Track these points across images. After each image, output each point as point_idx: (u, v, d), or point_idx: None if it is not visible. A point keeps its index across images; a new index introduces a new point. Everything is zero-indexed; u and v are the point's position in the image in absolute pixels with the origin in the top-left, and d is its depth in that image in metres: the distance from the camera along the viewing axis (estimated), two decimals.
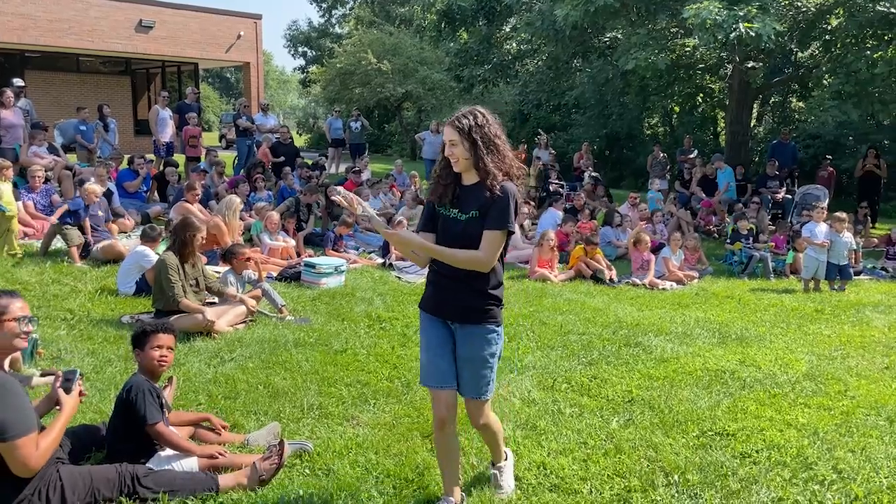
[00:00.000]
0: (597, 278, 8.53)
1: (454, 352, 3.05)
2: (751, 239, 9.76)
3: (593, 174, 16.16)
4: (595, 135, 23.36)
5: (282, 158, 13.55)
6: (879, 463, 3.82)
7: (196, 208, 8.41)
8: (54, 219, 8.06)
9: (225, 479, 3.34)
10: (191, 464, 3.40)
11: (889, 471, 3.74)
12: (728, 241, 9.98)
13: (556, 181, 15.00)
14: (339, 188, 3.01)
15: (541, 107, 25.91)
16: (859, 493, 3.49)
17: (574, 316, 6.80)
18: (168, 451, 3.41)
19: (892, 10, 10.68)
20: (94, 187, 8.24)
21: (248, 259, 6.57)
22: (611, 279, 8.53)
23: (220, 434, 3.84)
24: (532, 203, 12.98)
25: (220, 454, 3.47)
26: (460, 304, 2.99)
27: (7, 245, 7.60)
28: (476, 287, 2.96)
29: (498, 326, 3.03)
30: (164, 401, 3.50)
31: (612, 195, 14.90)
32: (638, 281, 8.53)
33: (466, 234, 2.92)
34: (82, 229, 7.87)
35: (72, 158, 12.51)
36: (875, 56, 11.32)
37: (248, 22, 24.47)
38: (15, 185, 8.59)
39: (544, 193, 14.46)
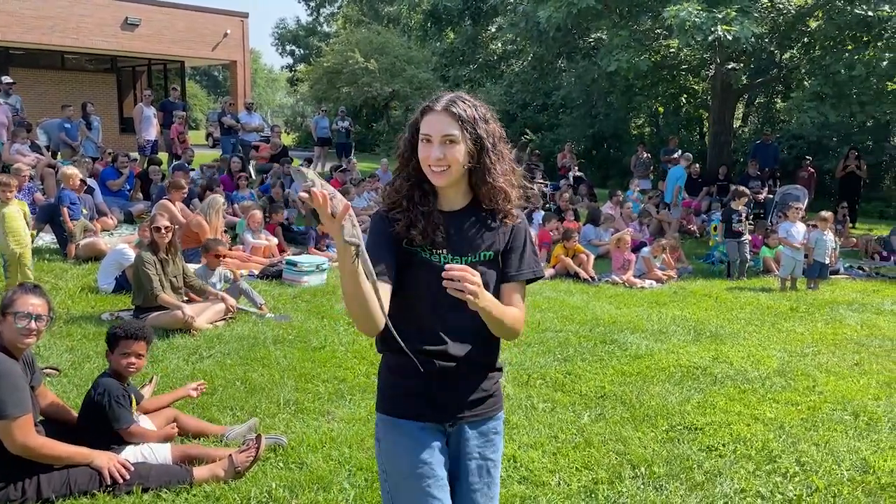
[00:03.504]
0: (578, 276, 8.62)
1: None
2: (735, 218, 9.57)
3: (577, 173, 16.31)
4: (582, 135, 23.52)
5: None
6: (841, 456, 3.92)
7: (177, 207, 8.43)
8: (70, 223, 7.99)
9: (199, 472, 3.40)
10: (164, 455, 3.45)
11: (850, 463, 3.84)
12: (715, 237, 10.00)
13: (541, 181, 15.10)
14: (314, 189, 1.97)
15: (528, 107, 26.04)
16: (820, 485, 3.58)
17: (552, 314, 6.88)
18: (142, 445, 3.46)
19: (870, 13, 10.85)
20: (72, 170, 8.30)
21: (223, 256, 6.60)
22: (591, 277, 8.62)
23: (197, 395, 3.99)
24: None
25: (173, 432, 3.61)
26: (472, 391, 2.01)
27: (21, 277, 5.99)
28: (490, 362, 2.04)
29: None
30: (134, 395, 3.55)
31: (596, 194, 15.03)
32: (618, 279, 8.62)
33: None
34: (62, 221, 7.90)
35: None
36: (853, 58, 11.48)
37: (235, 20, 24.41)
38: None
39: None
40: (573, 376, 5.08)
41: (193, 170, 11.80)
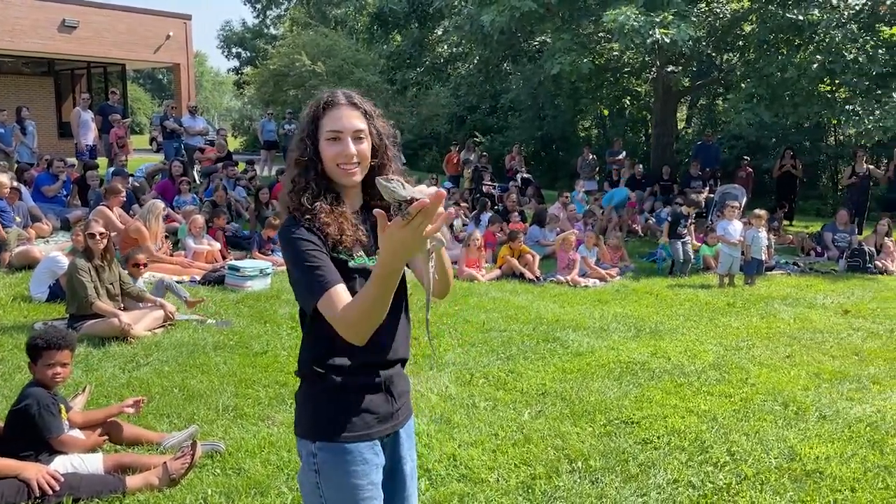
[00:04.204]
0: (523, 277, 8.72)
1: None
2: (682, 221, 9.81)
3: (525, 175, 16.49)
4: (530, 137, 23.79)
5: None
6: (770, 444, 4.05)
7: (115, 213, 8.24)
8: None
9: (133, 481, 3.34)
10: (95, 464, 3.38)
11: (778, 451, 3.97)
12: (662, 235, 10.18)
13: (489, 183, 15.21)
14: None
15: (476, 109, 26.20)
16: (749, 473, 3.69)
17: (497, 314, 6.94)
18: (72, 455, 3.39)
19: (800, 17, 11.24)
20: (1, 178, 8.06)
21: (143, 265, 6.53)
22: (536, 277, 8.72)
23: (138, 412, 3.88)
24: (466, 204, 13.14)
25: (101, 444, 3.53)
26: (406, 392, 1.98)
27: None
28: (408, 356, 2.01)
29: None
30: (64, 406, 3.47)
31: (543, 196, 15.21)
32: (562, 279, 8.74)
33: (400, 286, 1.86)
34: None
35: None
36: (786, 61, 11.87)
37: (178, 22, 23.96)
38: None
39: (478, 195, 14.65)
40: (515, 374, 5.13)
41: (132, 175, 11.54)
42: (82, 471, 3.33)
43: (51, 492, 3.13)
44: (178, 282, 6.99)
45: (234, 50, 46.36)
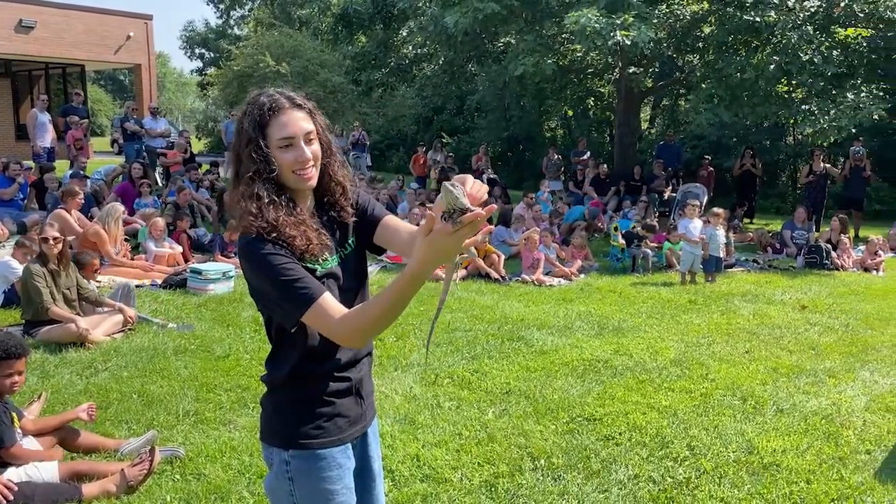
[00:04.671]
0: (489, 276, 8.75)
1: None
2: (636, 240, 10.09)
3: (491, 176, 16.55)
4: (496, 137, 23.88)
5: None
6: (729, 438, 4.12)
7: (73, 216, 8.08)
8: None
9: (89, 489, 3.28)
10: (51, 472, 3.32)
11: (737, 445, 4.04)
12: (615, 238, 10.35)
13: None
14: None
15: (443, 111, 26.23)
16: (708, 467, 3.75)
17: (462, 313, 6.95)
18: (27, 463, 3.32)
19: (758, 18, 11.45)
20: None
21: (97, 270, 6.44)
22: (501, 277, 8.76)
23: (91, 420, 3.78)
24: (431, 205, 13.13)
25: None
26: (372, 391, 2.02)
27: None
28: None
29: None
30: (16, 414, 3.40)
31: (510, 196, 15.27)
32: (527, 278, 8.79)
33: (362, 276, 1.93)
34: None
35: None
36: (744, 62, 12.09)
37: (139, 22, 23.60)
38: None
39: None
40: (480, 374, 5.15)
41: (88, 177, 11.32)
42: (37, 479, 3.26)
43: (4, 501, 3.06)
44: (137, 286, 6.89)
45: (197, 51, 45.82)
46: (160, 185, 13.47)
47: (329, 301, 1.66)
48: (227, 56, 34.96)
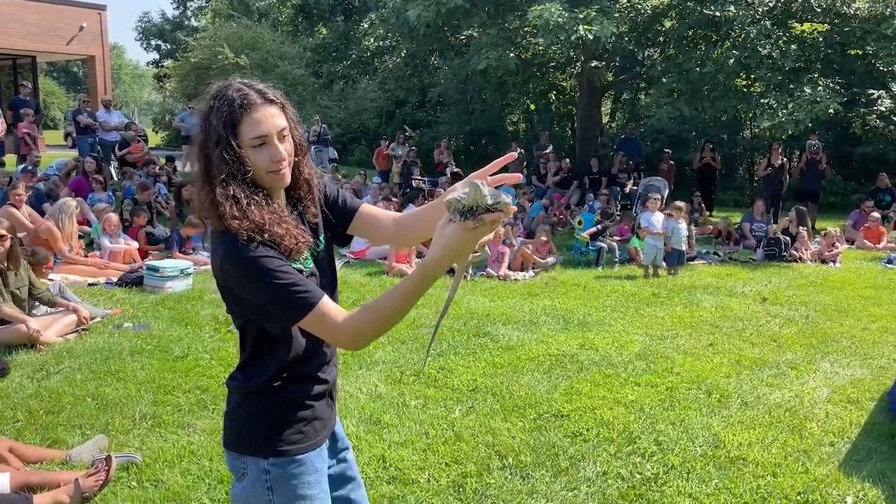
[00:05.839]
0: (453, 271, 8.67)
1: None
2: (599, 234, 10.14)
3: (455, 170, 16.48)
4: (459, 131, 23.81)
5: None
6: (696, 433, 4.13)
7: (23, 212, 7.80)
8: None
9: (41, 499, 3.15)
10: (2, 483, 3.17)
11: (703, 439, 4.05)
12: (579, 232, 10.38)
13: (419, 177, 15.15)
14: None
15: (406, 104, 26.05)
16: (675, 462, 3.75)
17: (427, 309, 6.87)
18: None
19: (717, 13, 11.58)
20: None
21: (49, 268, 6.23)
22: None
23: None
24: (395, 199, 13.03)
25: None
26: (337, 389, 2.01)
27: None
28: None
29: None
30: None
31: None
32: (493, 272, 8.76)
33: (334, 274, 1.90)
34: None
35: None
36: (704, 56, 12.23)
37: (92, 13, 22.93)
38: None
39: (408, 189, 14.58)
40: (446, 371, 5.08)
41: (39, 172, 10.96)
42: None
43: None
44: (91, 284, 6.67)
45: (153, 42, 44.76)
46: (115, 179, 13.13)
47: (329, 303, 1.63)
48: (184, 48, 34.28)
